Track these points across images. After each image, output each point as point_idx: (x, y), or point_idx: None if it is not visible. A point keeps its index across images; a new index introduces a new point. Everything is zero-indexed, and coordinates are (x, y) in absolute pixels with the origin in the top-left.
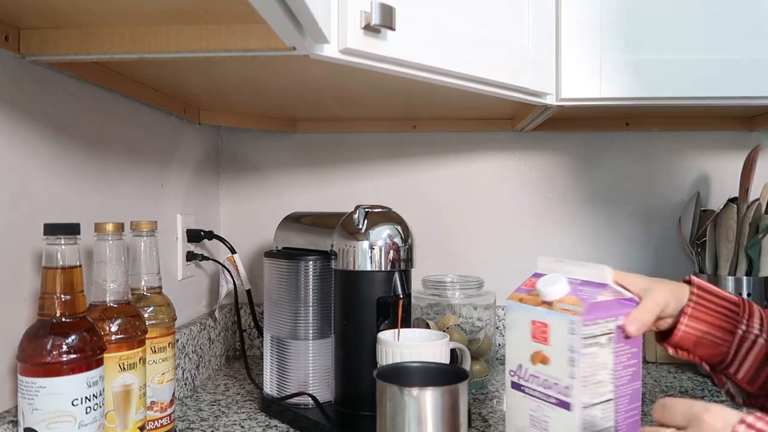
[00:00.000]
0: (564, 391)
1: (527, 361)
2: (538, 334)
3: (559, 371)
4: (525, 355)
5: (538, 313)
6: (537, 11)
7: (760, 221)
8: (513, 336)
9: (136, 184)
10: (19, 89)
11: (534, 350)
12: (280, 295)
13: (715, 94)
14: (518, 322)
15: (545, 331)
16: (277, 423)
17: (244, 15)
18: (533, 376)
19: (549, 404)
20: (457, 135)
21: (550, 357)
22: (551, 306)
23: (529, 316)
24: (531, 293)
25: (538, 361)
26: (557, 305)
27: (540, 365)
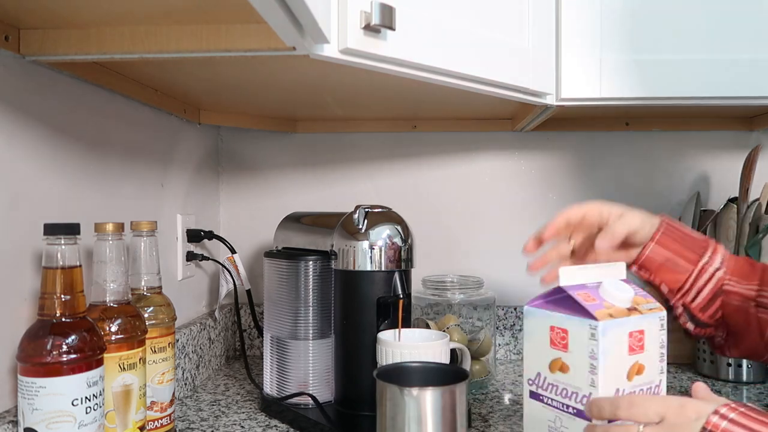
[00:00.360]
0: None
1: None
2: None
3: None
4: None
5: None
6: (537, 11)
7: (760, 221)
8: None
9: (136, 184)
10: (19, 89)
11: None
12: (280, 295)
13: (715, 94)
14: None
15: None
16: (277, 423)
17: (244, 15)
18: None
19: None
20: (457, 135)
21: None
22: (638, 311)
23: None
24: (608, 308)
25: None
26: (641, 307)
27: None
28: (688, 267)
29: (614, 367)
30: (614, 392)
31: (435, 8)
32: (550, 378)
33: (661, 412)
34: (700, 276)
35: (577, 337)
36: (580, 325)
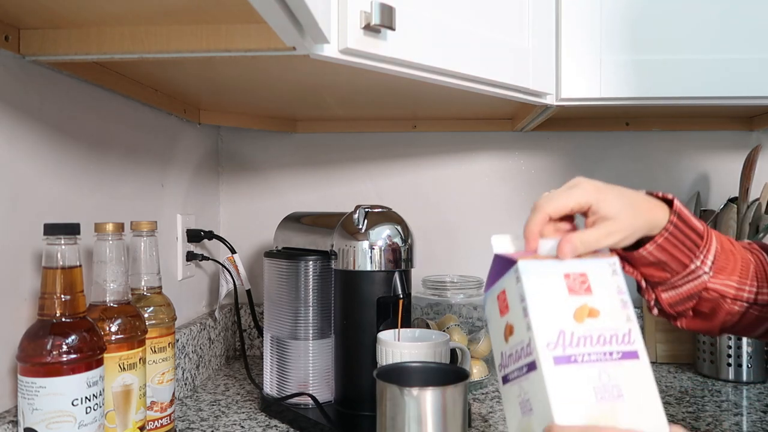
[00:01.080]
0: (625, 338)
1: (570, 322)
2: (577, 287)
3: (614, 319)
4: (565, 316)
5: (570, 265)
6: (537, 11)
7: (760, 221)
8: (540, 302)
9: (136, 184)
10: (19, 89)
11: (577, 306)
12: (280, 295)
13: (715, 94)
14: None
15: (585, 280)
16: (277, 423)
17: (244, 15)
18: (584, 337)
19: (614, 362)
20: (457, 135)
21: (600, 308)
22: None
23: (560, 270)
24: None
25: (585, 317)
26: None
27: (590, 320)
28: (678, 269)
29: (550, 308)
30: (558, 334)
31: (435, 8)
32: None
33: None
34: (685, 278)
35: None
36: (509, 277)
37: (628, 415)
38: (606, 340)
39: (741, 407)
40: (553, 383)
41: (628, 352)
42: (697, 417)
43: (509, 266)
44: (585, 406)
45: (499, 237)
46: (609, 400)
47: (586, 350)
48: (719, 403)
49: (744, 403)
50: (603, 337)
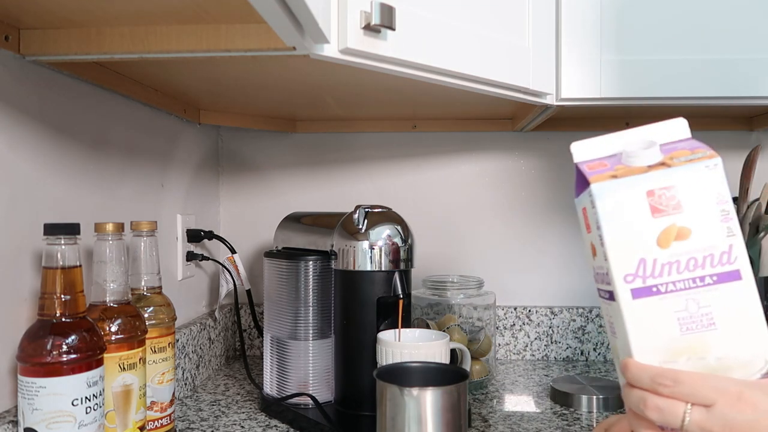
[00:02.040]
0: (724, 257)
1: (653, 249)
2: (663, 205)
3: (710, 236)
4: (647, 243)
5: (655, 180)
6: (537, 11)
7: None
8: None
9: (136, 184)
10: (19, 89)
11: (662, 228)
12: (280, 295)
13: (714, 94)
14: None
15: (673, 196)
16: (277, 423)
17: (244, 15)
18: (669, 264)
19: (706, 287)
20: (457, 135)
21: (691, 225)
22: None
23: (642, 187)
24: (617, 169)
25: (672, 240)
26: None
27: (677, 244)
28: None
29: (628, 234)
30: (638, 263)
31: (435, 8)
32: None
33: (711, 397)
34: None
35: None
36: (587, 198)
37: (721, 344)
38: (698, 264)
39: None
40: (632, 317)
41: (725, 273)
42: None
43: (586, 185)
44: (667, 339)
45: (579, 144)
46: (697, 330)
47: (671, 279)
48: None
49: None
50: (694, 261)
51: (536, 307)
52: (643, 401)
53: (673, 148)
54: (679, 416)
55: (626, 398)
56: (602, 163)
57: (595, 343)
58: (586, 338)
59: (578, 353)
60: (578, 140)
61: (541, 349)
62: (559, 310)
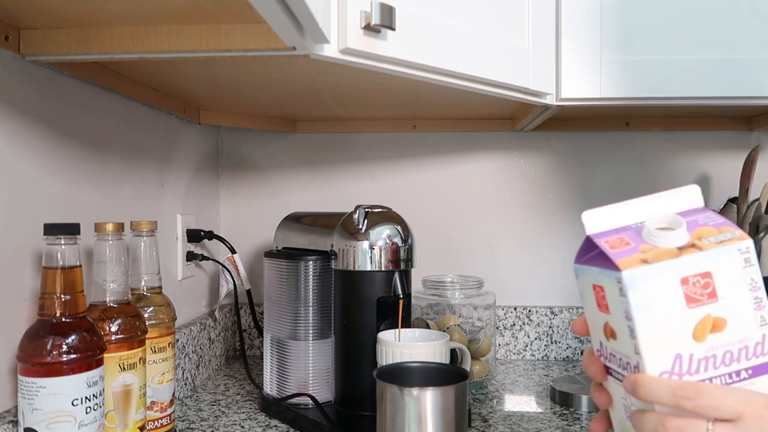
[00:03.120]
0: (758, 349)
1: (690, 343)
2: (698, 294)
3: (744, 327)
4: (684, 336)
5: (689, 265)
6: (537, 11)
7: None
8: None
9: (136, 184)
10: (19, 89)
11: (698, 320)
12: (280, 295)
13: (714, 94)
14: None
15: (708, 283)
16: (277, 423)
17: (244, 15)
18: (706, 359)
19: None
20: (457, 135)
21: (726, 315)
22: (698, 247)
23: (676, 274)
24: (644, 250)
25: (708, 332)
26: (703, 242)
27: (713, 336)
28: None
29: (664, 328)
30: (673, 360)
31: (435, 8)
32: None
33: (738, 409)
34: None
35: (611, 294)
36: (609, 280)
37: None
38: (734, 357)
39: None
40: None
41: (760, 365)
42: None
43: (608, 265)
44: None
45: (592, 213)
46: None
47: (708, 375)
48: None
49: None
50: (730, 354)
51: (536, 307)
52: (662, 423)
53: (695, 222)
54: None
55: (639, 424)
56: (622, 239)
57: None
58: (586, 338)
59: (578, 353)
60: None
61: (541, 349)
62: (559, 310)
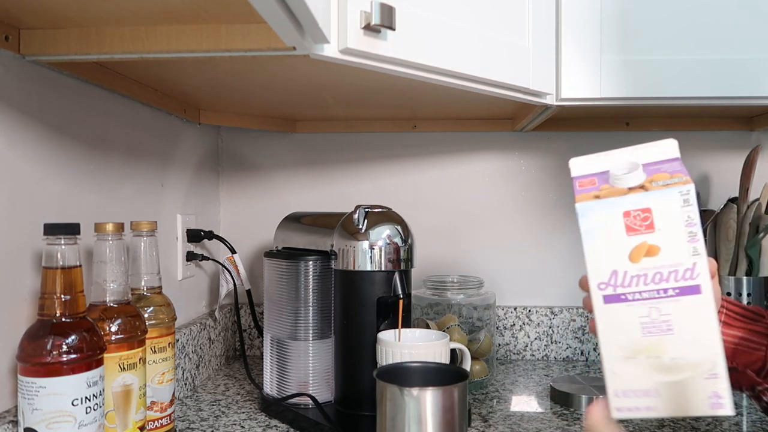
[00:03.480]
0: (687, 273)
1: (625, 262)
2: (637, 225)
3: (677, 254)
4: (620, 256)
5: (631, 202)
6: (537, 11)
7: (760, 221)
8: (596, 242)
9: (136, 184)
10: (19, 89)
11: (634, 245)
12: (280, 295)
13: (714, 94)
14: (602, 222)
15: (647, 217)
16: (277, 423)
17: (244, 15)
18: (638, 276)
19: (668, 298)
20: (457, 135)
21: (661, 244)
22: (645, 188)
23: (619, 208)
24: (602, 189)
25: (642, 256)
26: (653, 185)
27: (646, 260)
28: (762, 341)
29: (604, 250)
30: (610, 274)
31: (435, 8)
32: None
33: None
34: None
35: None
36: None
37: (676, 347)
38: (663, 278)
39: (741, 407)
40: (602, 319)
41: (687, 287)
42: (697, 417)
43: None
44: (630, 339)
45: (577, 160)
46: (657, 334)
47: (638, 289)
48: None
49: (744, 402)
50: (660, 275)
51: (536, 307)
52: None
53: (657, 169)
54: None
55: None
56: (592, 180)
57: (595, 343)
58: (586, 338)
59: (578, 353)
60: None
61: (541, 349)
62: (559, 310)
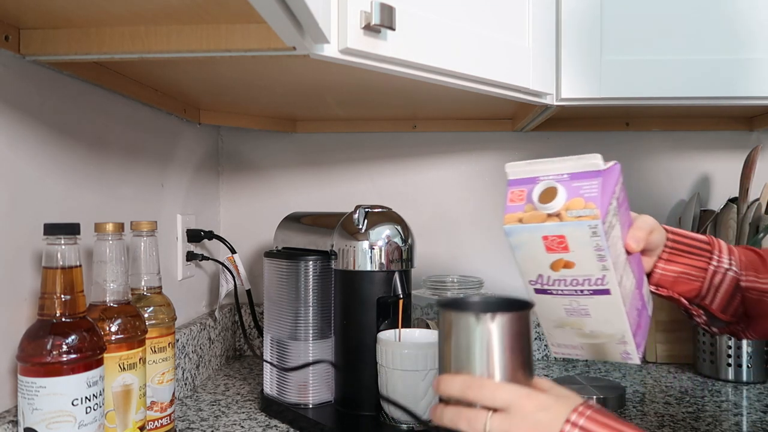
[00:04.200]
0: (598, 282)
1: (547, 270)
2: (554, 246)
3: (589, 269)
4: (543, 266)
5: (548, 229)
6: (537, 11)
7: (760, 221)
8: (523, 254)
9: (136, 184)
10: (19, 89)
11: (553, 260)
12: (280, 295)
13: (714, 94)
14: (526, 242)
15: (562, 241)
16: (278, 423)
17: (244, 15)
18: (559, 280)
19: (584, 296)
20: (457, 135)
21: (575, 261)
22: (561, 217)
23: (538, 233)
24: (527, 209)
25: (561, 268)
26: (567, 214)
27: (564, 270)
28: (700, 274)
29: (530, 260)
30: (537, 276)
31: (435, 8)
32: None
33: (507, 400)
34: (714, 279)
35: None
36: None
37: (593, 325)
38: (579, 283)
39: (741, 407)
40: (536, 302)
41: (598, 290)
42: (697, 417)
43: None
44: (558, 318)
45: (513, 165)
46: (577, 316)
47: (560, 288)
48: (719, 403)
49: (744, 403)
50: (576, 281)
51: None
52: (457, 414)
53: (577, 189)
54: (481, 422)
55: (441, 418)
56: (522, 192)
57: None
58: None
59: None
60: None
61: (541, 349)
62: None
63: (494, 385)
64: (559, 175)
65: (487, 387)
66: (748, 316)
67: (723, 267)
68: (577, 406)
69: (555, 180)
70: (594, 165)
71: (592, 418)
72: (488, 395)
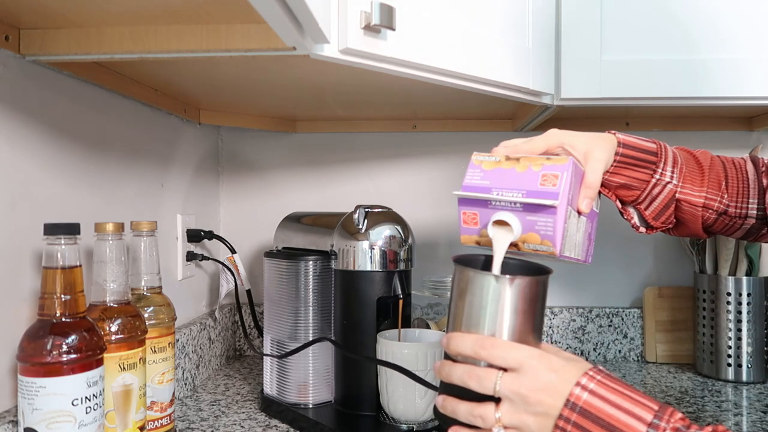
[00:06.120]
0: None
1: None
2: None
3: None
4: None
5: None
6: (537, 11)
7: None
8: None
9: (136, 184)
10: (19, 89)
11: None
12: (280, 295)
13: (714, 94)
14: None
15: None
16: (278, 423)
17: (244, 15)
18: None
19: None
20: (457, 135)
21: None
22: (518, 247)
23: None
24: (482, 234)
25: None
26: (524, 246)
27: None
28: (641, 186)
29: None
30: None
31: (435, 8)
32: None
33: (519, 360)
34: (653, 190)
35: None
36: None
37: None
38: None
39: (741, 407)
40: None
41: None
42: (697, 417)
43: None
44: None
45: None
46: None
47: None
48: (719, 403)
49: (744, 403)
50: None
51: None
52: (467, 372)
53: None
54: (492, 381)
55: (450, 375)
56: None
57: (595, 343)
58: (586, 338)
59: (578, 353)
60: None
61: None
62: (559, 310)
63: (507, 345)
64: (512, 204)
65: (500, 347)
66: (676, 220)
67: (664, 180)
68: (587, 369)
69: (510, 210)
70: (550, 193)
71: (602, 382)
72: (500, 354)
